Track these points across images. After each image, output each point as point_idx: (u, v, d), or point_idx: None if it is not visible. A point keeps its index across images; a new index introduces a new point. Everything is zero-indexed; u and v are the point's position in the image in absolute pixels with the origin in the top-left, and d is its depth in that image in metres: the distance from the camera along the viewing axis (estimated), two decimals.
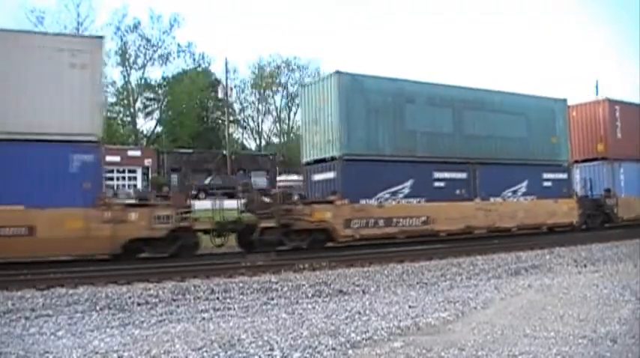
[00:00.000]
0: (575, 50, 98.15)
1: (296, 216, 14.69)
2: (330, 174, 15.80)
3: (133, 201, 13.97)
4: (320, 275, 11.58)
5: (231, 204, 16.46)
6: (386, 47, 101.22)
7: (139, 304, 8.69)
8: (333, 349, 5.72)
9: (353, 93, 15.55)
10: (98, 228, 12.26)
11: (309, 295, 9.37)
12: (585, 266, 12.54)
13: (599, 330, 6.33)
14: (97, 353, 5.71)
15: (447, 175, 16.94)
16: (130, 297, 9.12)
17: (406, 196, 16.13)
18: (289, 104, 58.47)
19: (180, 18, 49.05)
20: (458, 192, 17.06)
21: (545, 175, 19.13)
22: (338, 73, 15.54)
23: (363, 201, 15.46)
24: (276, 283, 10.46)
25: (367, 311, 7.65)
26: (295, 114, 56.87)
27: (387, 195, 15.87)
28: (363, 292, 9.64)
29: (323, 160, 16.09)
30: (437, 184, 16.74)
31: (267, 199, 15.39)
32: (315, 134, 16.31)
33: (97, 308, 8.40)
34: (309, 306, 8.30)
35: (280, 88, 57.86)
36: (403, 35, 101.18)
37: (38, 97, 12.01)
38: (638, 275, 10.45)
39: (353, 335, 6.26)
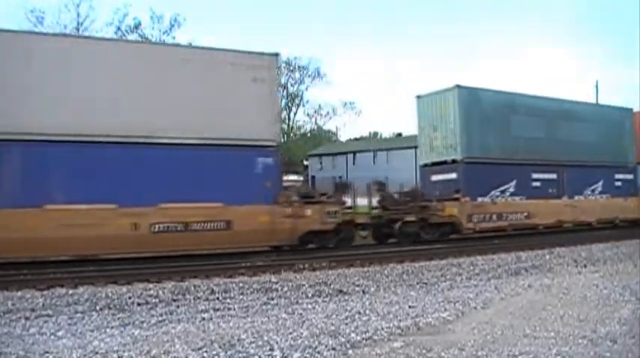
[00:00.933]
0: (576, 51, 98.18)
1: (432, 211, 17.32)
2: (452, 175, 18.28)
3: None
4: (320, 275, 11.58)
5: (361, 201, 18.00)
6: (385, 46, 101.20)
7: (139, 304, 8.69)
8: (333, 349, 5.72)
9: (470, 104, 18.01)
10: (281, 221, 14.28)
11: (309, 295, 9.37)
12: (585, 266, 12.54)
13: (599, 330, 6.33)
14: (97, 353, 5.71)
15: (541, 176, 19.58)
16: (130, 297, 9.12)
17: (512, 194, 18.72)
18: (289, 104, 58.45)
19: (180, 18, 48.92)
20: (550, 190, 19.72)
21: (617, 176, 21.74)
22: (458, 87, 17.81)
23: (479, 199, 17.97)
24: (276, 283, 10.45)
25: (367, 311, 7.65)
26: (295, 114, 56.94)
27: (497, 193, 18.45)
28: (363, 292, 9.64)
29: (443, 162, 18.40)
30: (534, 184, 19.39)
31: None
32: (434, 139, 18.73)
33: (97, 308, 8.40)
34: (309, 306, 8.30)
35: (280, 88, 57.89)
36: (403, 34, 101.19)
37: (232, 108, 13.89)
38: (638, 276, 10.45)
39: (353, 335, 6.26)
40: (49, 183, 12.24)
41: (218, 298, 9.19)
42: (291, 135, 57.11)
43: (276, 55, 14.95)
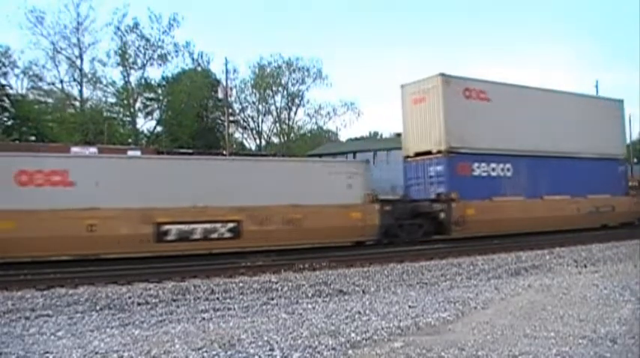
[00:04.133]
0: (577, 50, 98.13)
1: None
2: None
3: None
4: (320, 275, 11.58)
5: None
6: (386, 46, 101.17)
7: (139, 304, 8.69)
8: (333, 349, 5.72)
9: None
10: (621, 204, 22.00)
11: (309, 295, 9.36)
12: (585, 266, 12.52)
13: (599, 330, 6.33)
14: (97, 353, 5.71)
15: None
16: (130, 297, 9.12)
17: None
18: (289, 104, 58.40)
19: (179, 18, 48.95)
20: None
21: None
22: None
23: None
24: (276, 283, 10.46)
25: (367, 311, 7.64)
26: (296, 114, 56.93)
27: None
28: (363, 292, 9.64)
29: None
30: None
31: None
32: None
33: (97, 308, 8.41)
34: (309, 306, 8.30)
35: (280, 88, 57.78)
36: (404, 34, 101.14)
37: (602, 134, 21.52)
38: (638, 276, 10.44)
39: (353, 335, 6.26)
40: (539, 182, 19.41)
41: (218, 298, 9.19)
42: (291, 135, 57.04)
43: (621, 101, 22.89)
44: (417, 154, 18.36)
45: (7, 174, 12.47)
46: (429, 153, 17.92)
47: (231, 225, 14.34)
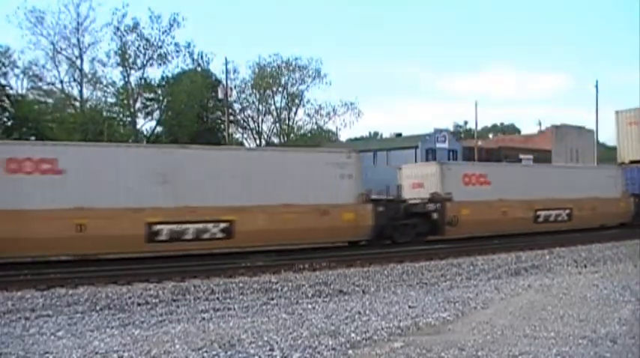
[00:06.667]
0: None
1: None
2: None
3: None
4: (320, 275, 11.57)
5: None
6: (386, 47, 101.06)
7: (139, 304, 8.69)
8: (333, 349, 5.72)
9: None
10: None
11: (309, 295, 9.36)
12: (585, 266, 12.53)
13: (599, 331, 6.33)
14: (97, 353, 5.71)
15: None
16: (130, 297, 9.12)
17: None
18: (289, 104, 58.32)
19: (179, 18, 48.81)
20: None
21: None
22: None
23: None
24: (276, 283, 10.45)
25: (367, 312, 7.64)
26: (295, 114, 56.81)
27: None
28: (363, 292, 9.63)
29: None
30: None
31: None
32: None
33: (97, 308, 8.40)
34: (309, 306, 8.30)
35: (280, 88, 57.70)
36: (404, 35, 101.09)
37: None
38: (638, 276, 10.44)
39: (353, 335, 6.26)
40: None
41: (218, 298, 9.19)
42: (291, 135, 56.96)
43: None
44: (632, 162, 24.65)
45: None
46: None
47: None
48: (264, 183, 14.42)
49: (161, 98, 51.69)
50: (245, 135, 60.68)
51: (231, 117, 53.59)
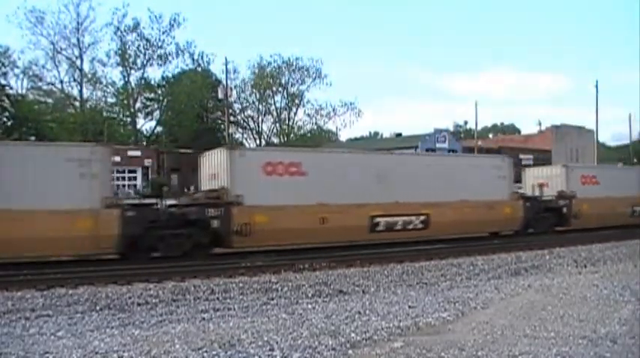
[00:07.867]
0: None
1: None
2: None
3: None
4: (320, 275, 11.57)
5: None
6: (386, 47, 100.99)
7: (139, 304, 8.69)
8: (333, 349, 5.72)
9: None
10: None
11: (309, 295, 9.36)
12: (585, 266, 12.53)
13: (599, 331, 6.33)
14: (97, 353, 5.71)
15: None
16: (130, 297, 9.12)
17: None
18: (289, 104, 58.32)
19: (180, 18, 48.81)
20: None
21: None
22: None
23: None
24: (276, 283, 10.45)
25: (367, 311, 7.64)
26: (296, 114, 56.84)
27: None
28: (363, 292, 9.63)
29: None
30: None
31: None
32: None
33: (97, 308, 8.40)
34: (309, 306, 8.30)
35: (281, 88, 57.69)
36: (404, 34, 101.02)
37: None
38: (638, 276, 10.45)
39: (353, 335, 6.26)
40: None
41: (218, 298, 9.19)
42: (291, 135, 56.94)
43: None
44: None
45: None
46: None
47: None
48: (449, 183, 17.21)
49: (161, 98, 51.69)
50: (245, 135, 60.67)
51: (232, 117, 53.58)
